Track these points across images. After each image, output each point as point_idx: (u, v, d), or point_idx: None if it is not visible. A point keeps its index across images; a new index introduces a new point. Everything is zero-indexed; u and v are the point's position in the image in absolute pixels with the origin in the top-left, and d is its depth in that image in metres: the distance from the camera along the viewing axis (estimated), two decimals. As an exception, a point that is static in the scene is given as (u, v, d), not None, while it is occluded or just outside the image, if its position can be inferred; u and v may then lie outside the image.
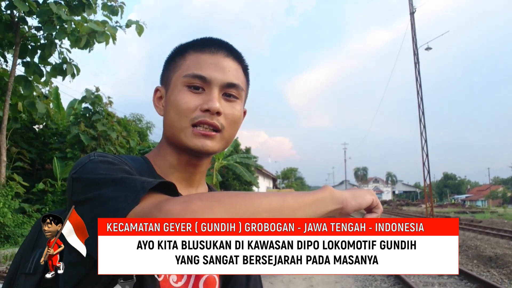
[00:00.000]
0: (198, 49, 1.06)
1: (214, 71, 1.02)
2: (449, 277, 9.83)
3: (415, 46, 29.14)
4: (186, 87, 1.03)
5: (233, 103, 1.05)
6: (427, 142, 28.06)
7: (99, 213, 0.85)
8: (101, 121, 15.37)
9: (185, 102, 1.01)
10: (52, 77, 10.83)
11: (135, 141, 16.97)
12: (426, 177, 27.92)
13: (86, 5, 7.56)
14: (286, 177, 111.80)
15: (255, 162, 35.42)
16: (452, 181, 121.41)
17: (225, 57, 1.05)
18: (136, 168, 1.03)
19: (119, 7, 7.78)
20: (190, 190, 1.11)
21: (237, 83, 1.05)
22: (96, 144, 15.06)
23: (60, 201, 14.16)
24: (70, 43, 8.62)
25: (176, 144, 1.05)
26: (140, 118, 21.63)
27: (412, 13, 29.72)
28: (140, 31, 7.64)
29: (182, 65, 1.06)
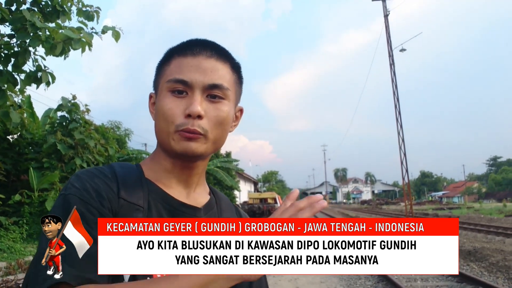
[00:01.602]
0: (181, 52, 1.05)
1: (194, 74, 1.01)
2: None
3: (389, 48, 29.63)
4: (170, 92, 1.02)
5: (218, 104, 1.04)
6: (404, 141, 28.49)
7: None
8: (78, 129, 15.17)
9: (169, 109, 1.01)
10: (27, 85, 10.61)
11: (114, 148, 16.77)
12: (404, 176, 28.33)
13: (60, 12, 7.42)
14: (267, 181, 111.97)
15: (236, 166, 35.42)
16: (429, 179, 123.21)
17: (208, 58, 1.04)
18: (122, 175, 1.03)
19: (94, 13, 7.65)
20: (188, 191, 1.11)
21: (219, 83, 1.03)
22: (74, 153, 14.85)
23: (38, 212, 13.85)
24: (45, 50, 8.44)
25: (166, 149, 1.05)
26: (118, 125, 21.43)
27: (386, 15, 30.23)
28: (117, 37, 7.52)
29: (167, 70, 1.05)
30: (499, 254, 11.84)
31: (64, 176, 14.62)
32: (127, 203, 0.97)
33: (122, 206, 0.97)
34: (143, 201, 1.00)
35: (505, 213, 34.16)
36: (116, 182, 1.00)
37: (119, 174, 1.03)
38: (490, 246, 13.45)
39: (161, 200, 1.03)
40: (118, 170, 1.04)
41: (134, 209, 0.98)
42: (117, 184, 1.00)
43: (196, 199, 1.11)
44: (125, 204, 0.97)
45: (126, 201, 0.98)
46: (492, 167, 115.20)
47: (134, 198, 0.99)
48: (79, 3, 7.61)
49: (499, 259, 11.09)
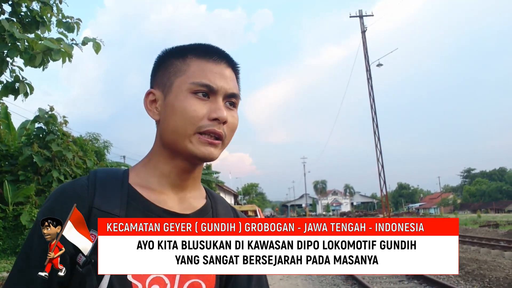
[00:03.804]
0: (201, 56, 1.06)
1: (219, 81, 1.03)
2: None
3: (367, 62, 30.36)
4: (191, 94, 1.02)
5: (233, 111, 1.07)
6: (382, 154, 28.86)
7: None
8: (55, 141, 14.89)
9: (194, 110, 1.00)
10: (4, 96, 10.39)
11: (92, 161, 16.50)
12: (382, 188, 28.65)
13: (40, 23, 7.32)
14: (247, 193, 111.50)
15: (216, 178, 35.18)
16: (406, 190, 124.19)
17: (227, 67, 1.07)
18: (102, 182, 1.02)
19: (75, 24, 7.56)
20: (182, 195, 1.09)
21: (237, 93, 1.07)
22: (51, 165, 14.56)
23: (12, 227, 13.51)
24: (24, 61, 8.31)
25: (178, 150, 1.03)
26: (97, 137, 21.15)
27: (364, 31, 30.87)
28: (97, 49, 7.42)
29: (186, 70, 1.04)
30: (474, 263, 12.15)
31: (40, 189, 14.34)
32: (100, 212, 0.95)
33: (95, 215, 0.94)
34: (119, 209, 0.98)
35: (479, 223, 34.77)
36: (94, 190, 0.99)
37: (98, 181, 1.02)
38: (465, 256, 13.73)
39: (141, 208, 1.00)
40: (99, 177, 1.03)
41: (107, 217, 0.94)
42: (94, 193, 0.99)
43: (191, 203, 1.09)
44: (98, 213, 0.95)
45: (99, 210, 0.96)
46: (466, 178, 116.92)
47: (109, 206, 0.97)
48: (59, 14, 7.52)
49: (474, 267, 11.39)
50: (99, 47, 7.42)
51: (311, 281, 10.51)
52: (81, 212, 0.91)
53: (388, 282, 10.15)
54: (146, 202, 1.02)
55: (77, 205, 0.91)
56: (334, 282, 10.39)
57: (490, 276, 10.19)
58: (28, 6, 7.51)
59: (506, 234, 21.40)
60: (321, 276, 10.92)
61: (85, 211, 0.94)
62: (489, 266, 11.23)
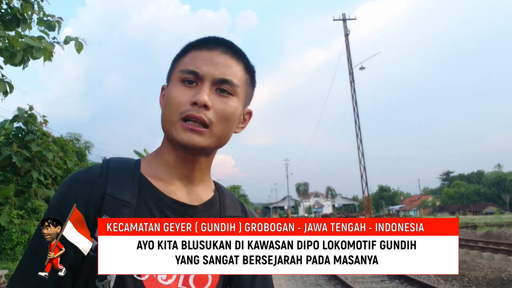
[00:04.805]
0: (197, 47, 1.06)
1: (207, 66, 1.02)
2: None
3: (350, 66, 30.66)
4: (180, 82, 1.02)
5: (226, 98, 1.03)
6: (364, 156, 29.08)
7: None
8: (35, 141, 14.65)
9: (176, 96, 1.01)
10: (-17, 95, 10.22)
11: (73, 161, 16.27)
12: (364, 190, 28.88)
13: (21, 20, 7.21)
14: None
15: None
16: (387, 192, 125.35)
17: (222, 54, 1.05)
18: (114, 170, 1.03)
19: (56, 23, 7.45)
20: (190, 187, 1.09)
21: (229, 78, 1.03)
22: (31, 166, 14.32)
23: (-7, 229, 13.30)
24: (4, 59, 8.16)
25: (170, 139, 1.04)
26: (78, 138, 20.88)
27: (347, 35, 31.17)
28: (79, 49, 7.30)
29: (181, 61, 1.06)
30: (454, 263, 12.31)
31: (20, 190, 14.10)
32: (112, 199, 0.96)
33: (108, 202, 0.96)
34: (131, 196, 0.98)
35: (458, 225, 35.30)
36: (106, 178, 1.00)
37: (111, 169, 1.03)
38: (445, 256, 13.88)
39: (151, 197, 1.01)
40: (112, 166, 1.04)
41: (120, 204, 0.96)
42: (107, 180, 0.99)
43: (198, 195, 1.09)
44: (110, 200, 0.96)
45: (111, 197, 0.97)
46: (445, 181, 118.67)
47: (122, 193, 0.98)
48: (40, 12, 7.41)
49: (454, 267, 11.54)
50: (81, 46, 7.31)
51: (294, 281, 10.52)
52: (94, 199, 0.94)
53: (370, 282, 10.25)
54: (157, 191, 1.03)
55: (90, 191, 0.95)
56: (317, 282, 10.43)
57: (470, 275, 10.35)
58: (9, 3, 7.38)
59: (484, 236, 21.74)
60: (305, 277, 10.96)
61: (98, 197, 0.96)
62: (468, 266, 11.36)
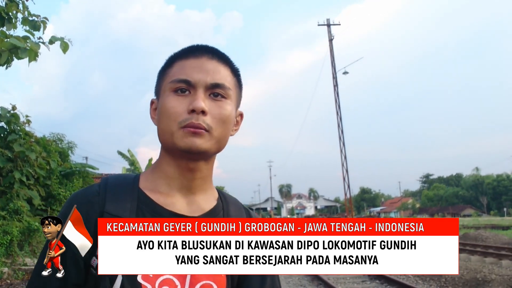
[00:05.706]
0: (184, 55, 1.07)
1: (198, 73, 1.03)
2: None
3: (333, 70, 30.90)
4: (172, 92, 1.03)
5: (221, 102, 1.04)
6: (347, 159, 29.33)
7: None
8: (18, 141, 14.40)
9: (172, 107, 1.01)
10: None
11: (56, 161, 16.06)
12: (346, 192, 29.12)
13: (6, 19, 7.11)
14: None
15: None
16: (368, 194, 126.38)
17: (209, 59, 1.06)
18: (113, 188, 1.03)
19: (41, 23, 7.36)
20: (191, 197, 1.07)
21: (221, 82, 1.04)
22: (13, 166, 14.10)
23: (-29, 231, 13.04)
24: (-12, 59, 8.00)
25: (170, 148, 1.04)
26: (61, 138, 20.58)
27: (331, 40, 31.44)
28: (65, 49, 7.19)
29: (169, 73, 1.06)
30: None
31: (2, 191, 13.87)
32: (110, 216, 0.96)
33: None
34: (129, 213, 0.98)
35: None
36: (104, 195, 1.01)
37: (110, 187, 1.04)
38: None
39: (150, 211, 1.01)
40: (110, 183, 1.05)
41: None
42: (105, 198, 1.01)
43: (200, 205, 1.07)
44: (109, 217, 0.95)
45: (110, 215, 0.97)
46: (424, 183, 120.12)
47: (120, 210, 0.98)
48: (25, 11, 7.32)
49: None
50: (67, 46, 7.22)
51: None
52: (93, 217, 0.94)
53: (351, 282, 10.37)
54: (155, 205, 1.02)
55: (89, 210, 0.95)
56: (301, 282, 10.50)
57: (446, 276, 10.54)
58: (-7, 2, 7.26)
59: (461, 237, 22.08)
60: (288, 277, 11.01)
61: (97, 216, 0.96)
62: (445, 267, 11.62)
